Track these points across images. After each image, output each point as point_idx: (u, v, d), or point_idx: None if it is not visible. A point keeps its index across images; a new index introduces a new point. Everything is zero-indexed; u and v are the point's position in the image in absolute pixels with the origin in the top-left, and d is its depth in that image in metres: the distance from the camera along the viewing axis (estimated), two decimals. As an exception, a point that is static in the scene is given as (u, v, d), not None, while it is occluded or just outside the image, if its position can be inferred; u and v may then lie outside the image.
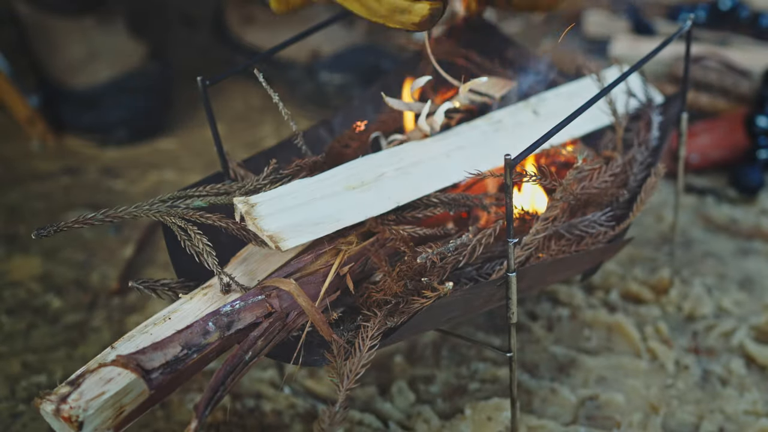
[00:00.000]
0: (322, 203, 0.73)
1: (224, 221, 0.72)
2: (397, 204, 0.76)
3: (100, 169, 1.37)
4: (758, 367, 0.94)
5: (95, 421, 0.60)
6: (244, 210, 0.69)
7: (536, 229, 0.75)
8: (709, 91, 1.32)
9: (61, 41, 1.42)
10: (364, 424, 0.88)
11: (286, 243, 0.69)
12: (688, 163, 1.23)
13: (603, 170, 0.81)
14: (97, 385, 0.61)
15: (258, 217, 0.69)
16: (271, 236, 0.68)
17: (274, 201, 0.72)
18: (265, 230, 0.68)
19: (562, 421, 0.88)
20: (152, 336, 0.66)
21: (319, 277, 0.71)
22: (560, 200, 0.76)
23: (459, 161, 0.81)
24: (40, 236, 0.69)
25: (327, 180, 0.76)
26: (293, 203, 0.72)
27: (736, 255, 1.10)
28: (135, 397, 0.62)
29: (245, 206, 0.69)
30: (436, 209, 0.78)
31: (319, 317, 0.68)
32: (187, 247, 0.71)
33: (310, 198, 0.73)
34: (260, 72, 0.76)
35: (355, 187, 0.75)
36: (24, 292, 1.11)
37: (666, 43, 0.81)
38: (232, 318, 0.65)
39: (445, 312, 0.71)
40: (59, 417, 0.59)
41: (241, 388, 0.94)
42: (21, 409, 0.93)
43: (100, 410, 0.60)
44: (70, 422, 0.59)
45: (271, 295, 0.67)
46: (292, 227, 0.70)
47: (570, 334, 0.99)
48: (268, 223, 0.69)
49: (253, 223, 0.69)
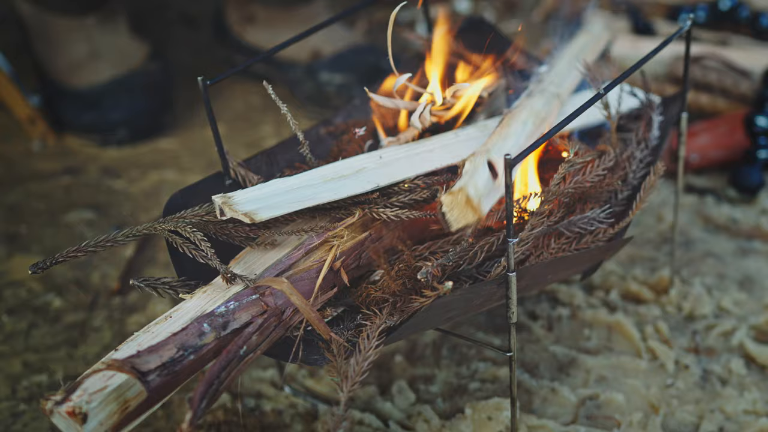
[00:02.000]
0: (298, 191, 0.76)
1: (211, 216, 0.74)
2: (376, 185, 0.77)
3: (100, 169, 1.37)
4: (758, 367, 0.94)
5: (100, 414, 0.60)
6: (221, 202, 0.72)
7: (531, 224, 0.75)
8: (709, 91, 1.32)
9: (63, 41, 1.42)
10: (364, 423, 0.89)
11: (260, 215, 0.71)
12: (688, 163, 1.23)
13: (596, 164, 0.81)
14: (100, 380, 0.61)
15: (234, 203, 0.72)
16: (246, 213, 0.71)
17: (250, 192, 0.75)
18: (240, 210, 0.70)
19: (562, 421, 0.89)
20: (153, 334, 0.67)
21: (313, 273, 0.72)
22: (554, 194, 0.76)
23: (442, 154, 0.82)
24: (37, 272, 0.71)
25: (305, 176, 0.78)
26: (268, 193, 0.75)
27: (736, 255, 1.10)
28: (138, 392, 0.62)
29: (222, 199, 0.72)
30: (423, 193, 0.78)
31: (314, 315, 0.68)
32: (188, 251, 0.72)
33: (285, 189, 0.76)
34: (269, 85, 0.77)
35: (332, 179, 0.77)
36: (25, 291, 1.11)
37: (666, 43, 0.81)
38: (227, 318, 0.65)
39: (445, 311, 0.71)
40: (63, 413, 0.59)
41: (242, 387, 0.94)
42: (22, 408, 0.93)
43: (103, 403, 0.60)
44: (74, 416, 0.59)
45: (265, 293, 0.67)
46: (267, 206, 0.73)
47: (570, 334, 0.99)
48: (243, 207, 0.71)
49: (230, 209, 0.71)
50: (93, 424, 0.60)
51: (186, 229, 0.72)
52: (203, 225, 0.74)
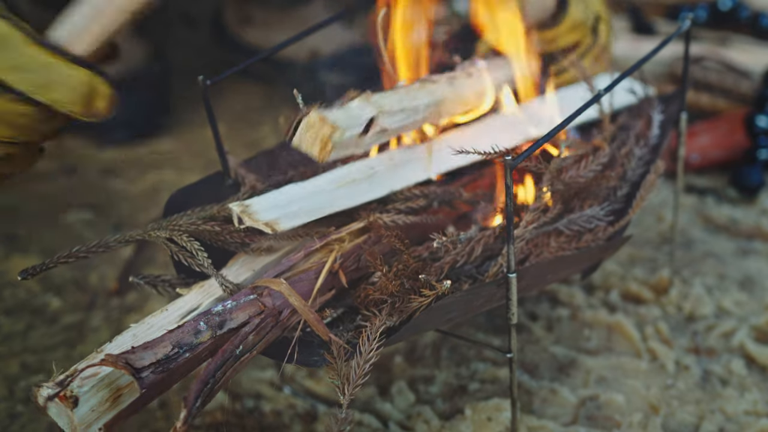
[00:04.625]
0: (314, 197, 0.75)
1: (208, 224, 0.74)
2: (390, 190, 0.76)
3: (99, 169, 1.37)
4: (758, 367, 0.94)
5: (91, 400, 0.59)
6: (239, 211, 0.70)
7: (527, 220, 0.75)
8: (709, 91, 1.32)
9: (61, 40, 1.42)
10: (363, 424, 0.88)
11: (282, 225, 0.71)
12: (688, 163, 1.23)
13: (590, 159, 0.81)
14: (93, 368, 0.61)
15: (253, 212, 0.71)
16: (266, 222, 0.70)
17: (268, 199, 0.74)
18: (261, 219, 0.70)
19: (562, 422, 0.88)
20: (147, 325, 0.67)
21: (311, 274, 0.71)
22: (548, 189, 0.76)
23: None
24: (26, 278, 0.70)
25: (317, 181, 0.77)
26: (286, 200, 0.74)
27: (736, 255, 1.10)
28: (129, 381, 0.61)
29: (240, 207, 0.71)
30: (419, 201, 0.78)
31: (313, 316, 0.68)
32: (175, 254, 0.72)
33: (301, 196, 0.75)
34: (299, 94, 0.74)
35: (346, 184, 0.77)
36: (23, 292, 1.11)
37: (665, 42, 0.81)
38: (224, 317, 0.65)
39: (445, 312, 0.71)
40: (55, 400, 0.58)
41: (241, 388, 0.94)
42: (19, 409, 0.93)
43: (95, 388, 0.60)
44: (65, 399, 0.58)
45: (262, 294, 0.67)
46: (286, 215, 0.72)
47: (570, 334, 0.99)
48: (263, 215, 0.71)
49: (249, 218, 0.70)
50: (84, 409, 0.59)
51: (182, 238, 0.72)
52: (198, 233, 0.74)
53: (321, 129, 0.66)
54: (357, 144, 0.70)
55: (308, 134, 0.66)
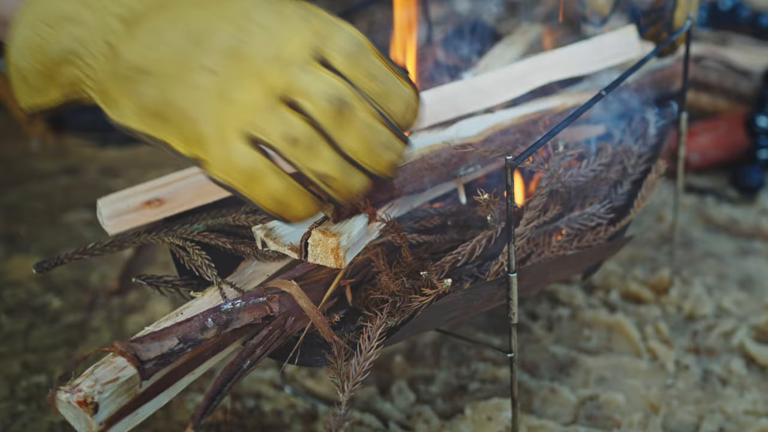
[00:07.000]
0: None
1: (220, 240, 0.75)
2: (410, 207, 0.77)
3: (99, 169, 1.37)
4: (758, 367, 0.94)
5: (110, 406, 0.59)
6: (263, 235, 0.71)
7: (527, 218, 0.75)
8: (709, 91, 1.32)
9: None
10: (364, 424, 0.88)
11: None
12: (688, 163, 1.23)
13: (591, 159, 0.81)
14: (111, 372, 0.60)
15: (278, 236, 0.71)
16: (292, 246, 0.70)
17: None
18: (286, 243, 0.70)
19: (562, 421, 0.88)
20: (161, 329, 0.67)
21: (321, 285, 0.72)
22: (546, 187, 0.76)
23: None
24: (42, 271, 0.72)
25: None
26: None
27: (736, 255, 1.10)
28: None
29: (263, 231, 0.71)
30: (433, 219, 0.78)
31: (320, 319, 0.69)
32: (186, 263, 0.73)
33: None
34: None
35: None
36: (24, 292, 1.11)
37: (665, 42, 0.81)
38: (231, 316, 0.65)
39: (446, 311, 0.71)
40: (74, 403, 0.58)
41: (241, 388, 0.94)
42: (21, 409, 0.93)
43: (115, 395, 0.60)
44: (85, 405, 0.57)
45: (272, 298, 0.67)
46: None
47: (570, 334, 0.99)
48: (288, 238, 0.70)
49: (274, 242, 0.70)
50: (104, 415, 0.59)
51: (193, 250, 0.73)
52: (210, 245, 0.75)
53: (327, 243, 0.67)
54: (368, 233, 0.71)
55: (318, 250, 0.68)
